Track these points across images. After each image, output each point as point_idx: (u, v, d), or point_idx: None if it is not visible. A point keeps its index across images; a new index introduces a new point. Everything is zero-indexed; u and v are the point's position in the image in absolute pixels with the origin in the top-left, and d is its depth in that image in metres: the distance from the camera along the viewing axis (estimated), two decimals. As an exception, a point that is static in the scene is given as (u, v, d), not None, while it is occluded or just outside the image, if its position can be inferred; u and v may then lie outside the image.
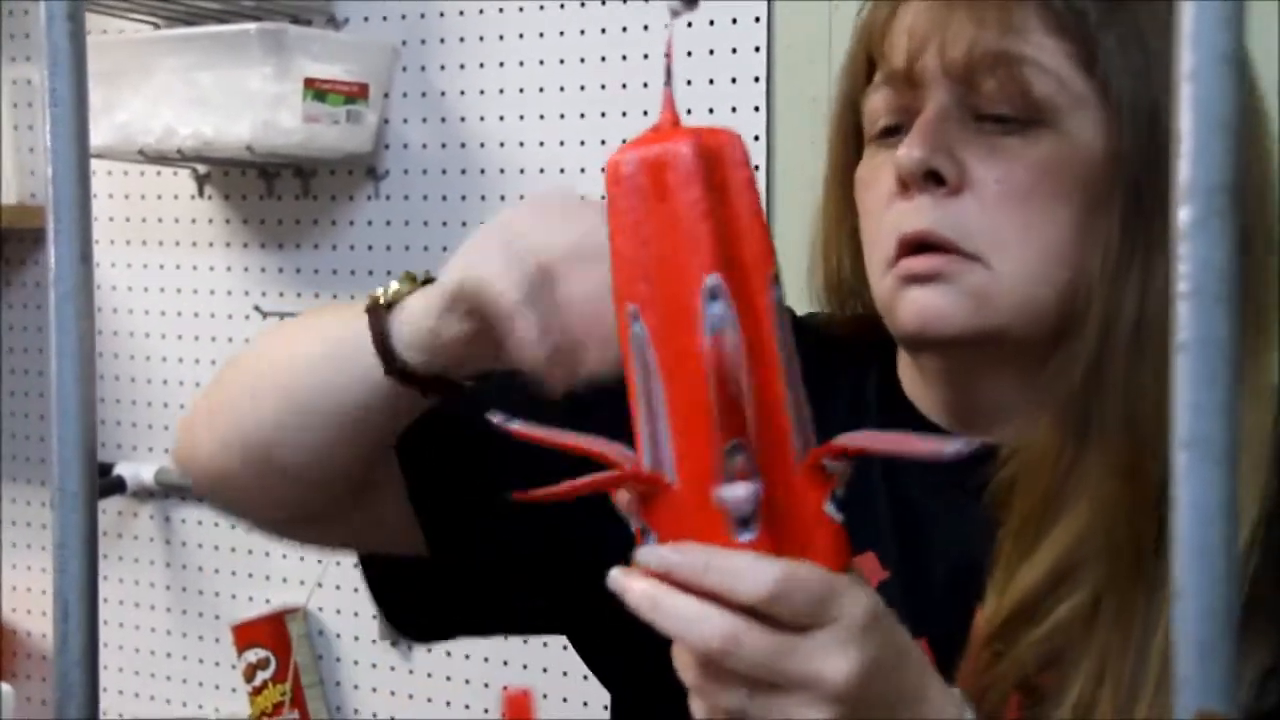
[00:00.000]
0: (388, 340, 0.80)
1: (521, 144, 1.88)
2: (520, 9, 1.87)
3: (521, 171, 1.88)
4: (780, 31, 1.72)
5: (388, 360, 0.80)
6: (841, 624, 0.61)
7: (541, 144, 1.87)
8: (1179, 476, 0.40)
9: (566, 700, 1.90)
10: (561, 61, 1.85)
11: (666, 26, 0.63)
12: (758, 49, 1.71)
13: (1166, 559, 0.74)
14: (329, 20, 1.97)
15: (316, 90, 1.82)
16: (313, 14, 1.96)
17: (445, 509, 0.92)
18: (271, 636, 2.05)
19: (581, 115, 1.84)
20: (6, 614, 2.32)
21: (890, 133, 0.85)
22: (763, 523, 0.60)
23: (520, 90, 1.88)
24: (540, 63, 1.86)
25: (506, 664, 1.93)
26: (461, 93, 1.92)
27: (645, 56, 1.78)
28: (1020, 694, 0.79)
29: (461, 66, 1.92)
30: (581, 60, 1.83)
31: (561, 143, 1.85)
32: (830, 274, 0.93)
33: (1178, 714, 0.40)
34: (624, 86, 1.80)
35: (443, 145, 1.94)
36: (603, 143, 1.82)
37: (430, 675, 2.02)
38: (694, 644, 0.61)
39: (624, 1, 1.79)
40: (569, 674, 1.89)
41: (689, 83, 1.74)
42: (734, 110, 1.72)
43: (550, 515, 0.76)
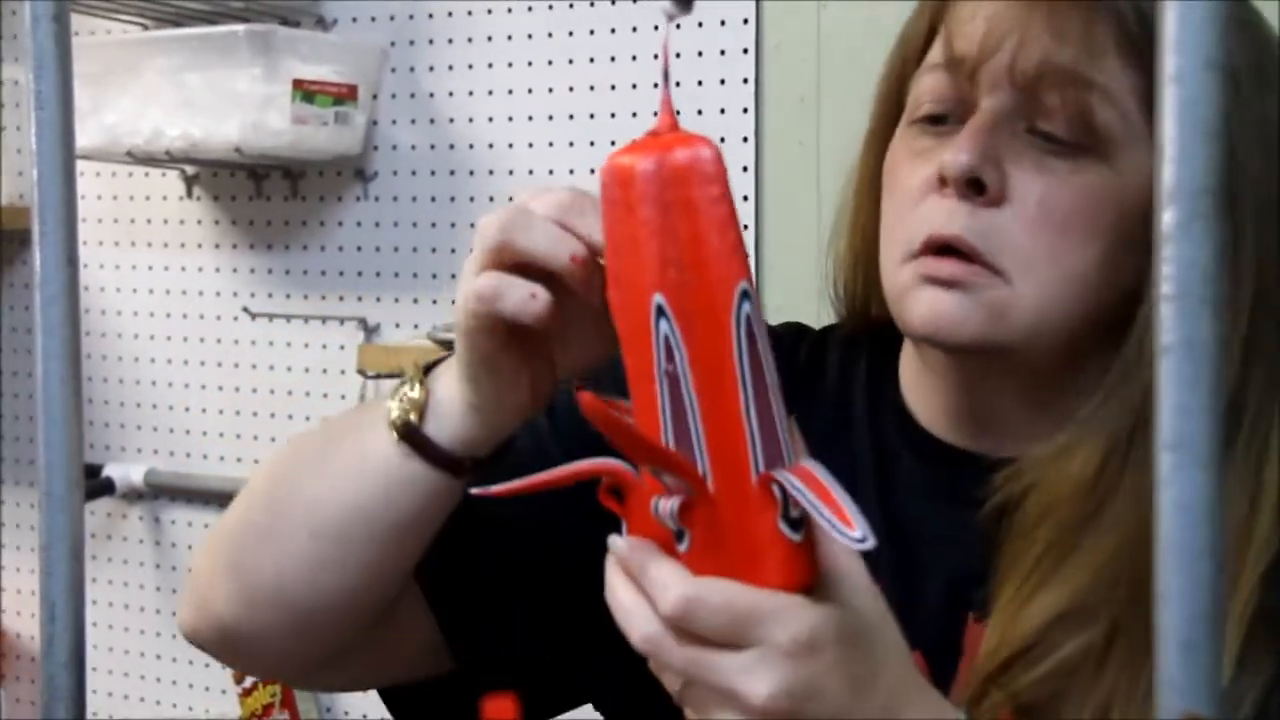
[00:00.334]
0: (438, 450, 0.77)
1: (511, 145, 1.88)
2: (509, 10, 1.87)
3: (511, 173, 1.88)
4: (768, 33, 1.72)
5: (452, 467, 0.77)
6: (767, 646, 0.60)
7: (530, 145, 1.87)
8: (1163, 479, 0.40)
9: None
10: (550, 63, 1.85)
11: (657, 28, 0.63)
12: (746, 50, 1.72)
13: None
14: (317, 21, 1.97)
15: (305, 92, 1.82)
16: (301, 15, 1.96)
17: (470, 611, 0.89)
18: (261, 638, 2.04)
19: (571, 117, 1.84)
20: (-3, 616, 2.32)
21: (935, 120, 0.83)
22: (700, 536, 0.61)
23: (509, 92, 1.88)
24: (529, 64, 1.86)
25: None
26: (450, 94, 1.92)
27: (634, 58, 1.78)
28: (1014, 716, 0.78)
29: (450, 68, 1.92)
30: (570, 62, 1.83)
31: (550, 144, 1.85)
32: (854, 240, 0.91)
33: (1161, 714, 0.40)
34: (613, 88, 1.80)
35: (432, 147, 1.94)
36: (591, 144, 1.82)
37: (420, 676, 2.02)
38: (628, 636, 0.64)
39: (613, 3, 1.79)
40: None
41: (678, 84, 1.74)
42: (722, 111, 1.73)
43: (579, 590, 0.74)
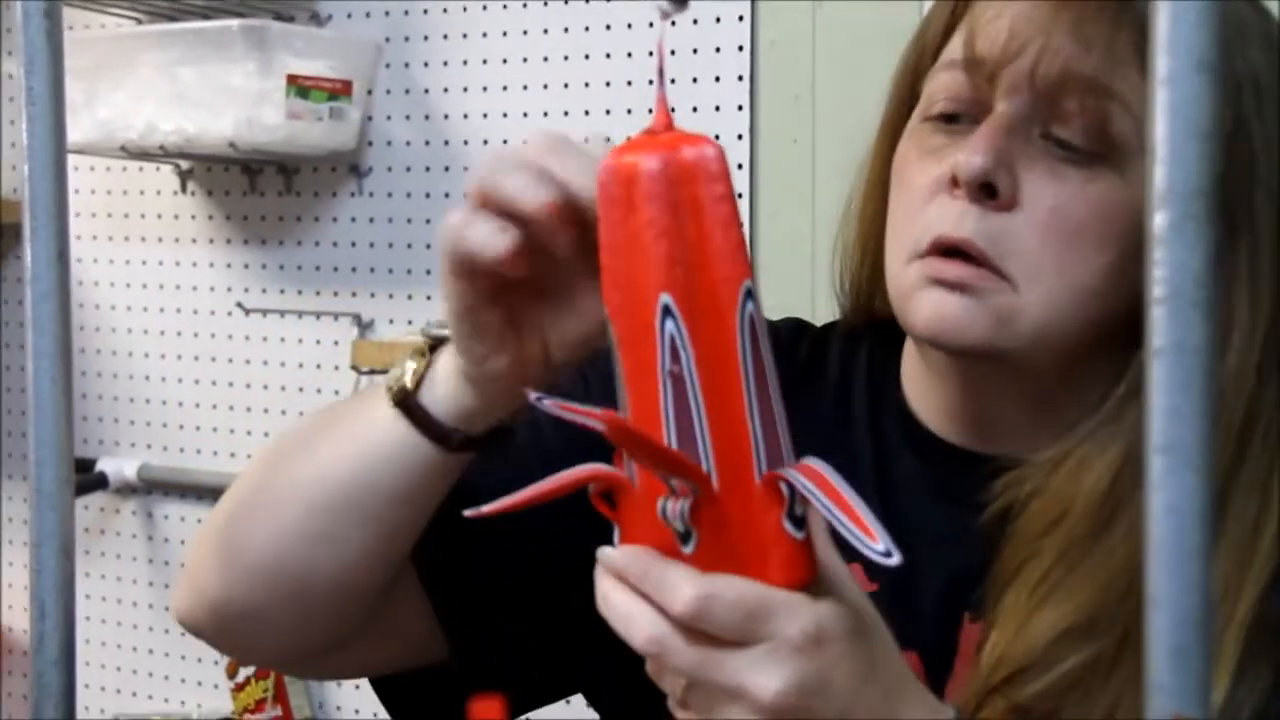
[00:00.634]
0: (432, 420, 0.76)
1: (505, 142, 1.88)
2: (504, 6, 1.86)
3: (505, 169, 1.88)
4: (763, 30, 1.72)
5: (442, 439, 0.76)
6: (776, 641, 0.60)
7: (525, 143, 1.86)
8: (1154, 482, 0.40)
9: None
10: (545, 59, 1.84)
11: (652, 24, 0.63)
12: (741, 47, 1.72)
13: None
14: (311, 17, 1.96)
15: (300, 87, 1.82)
16: (295, 10, 1.95)
17: (466, 603, 0.89)
18: (253, 633, 2.04)
19: (565, 113, 1.84)
20: (-8, 611, 2.32)
21: (949, 119, 0.82)
22: (707, 536, 0.61)
23: (504, 88, 1.88)
24: (524, 60, 1.86)
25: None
26: (445, 90, 1.92)
27: (629, 55, 1.78)
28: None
29: (445, 63, 1.91)
30: (565, 58, 1.83)
31: (545, 140, 1.85)
32: (863, 232, 0.90)
33: (1150, 715, 0.40)
34: (607, 84, 1.80)
35: (426, 142, 1.94)
36: (586, 141, 1.81)
37: (413, 672, 2.02)
38: (630, 640, 0.63)
39: (607, 0, 1.79)
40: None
41: (673, 81, 1.74)
42: (717, 109, 1.72)
43: (575, 585, 0.73)
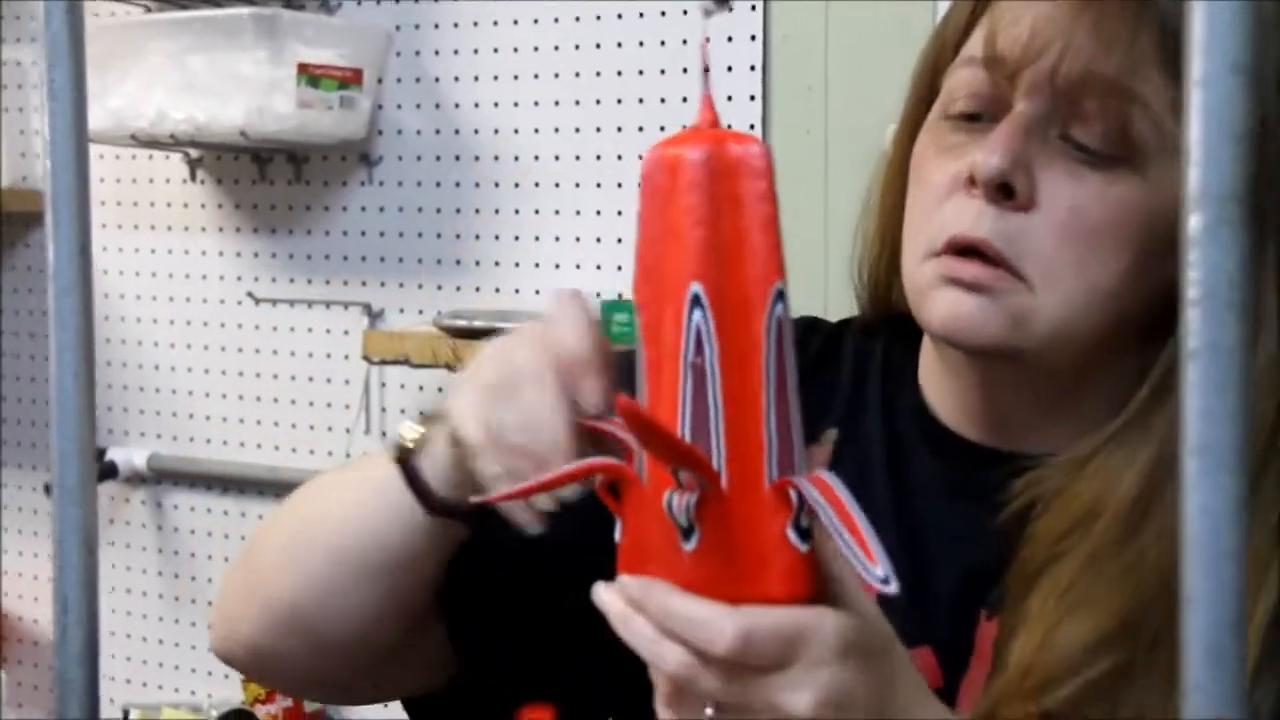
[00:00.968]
0: (421, 479, 0.77)
1: (516, 130, 1.88)
2: (515, -5, 1.86)
3: (516, 159, 1.88)
4: (777, 21, 1.72)
5: (426, 499, 0.77)
6: (806, 660, 0.60)
7: (536, 130, 1.87)
8: (1189, 483, 0.40)
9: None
10: (557, 48, 1.84)
11: (664, 14, 0.63)
12: (754, 37, 1.71)
13: None
14: (321, 4, 1.96)
15: (310, 75, 1.81)
16: (305, -2, 1.95)
17: (484, 632, 0.89)
18: (264, 622, 2.05)
19: (576, 102, 1.83)
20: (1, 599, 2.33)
21: (968, 118, 0.82)
22: (709, 535, 0.60)
23: (515, 77, 1.87)
24: (535, 49, 1.86)
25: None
26: (456, 78, 1.92)
27: (640, 43, 1.77)
28: None
29: (456, 52, 1.91)
30: (577, 47, 1.83)
31: (556, 129, 1.85)
32: (883, 224, 0.90)
33: (1187, 716, 0.40)
34: (619, 74, 1.80)
35: (437, 131, 1.94)
36: (598, 130, 1.82)
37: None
38: (657, 666, 0.62)
39: (619, -12, 1.79)
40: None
41: (684, 70, 1.74)
42: (730, 99, 1.72)
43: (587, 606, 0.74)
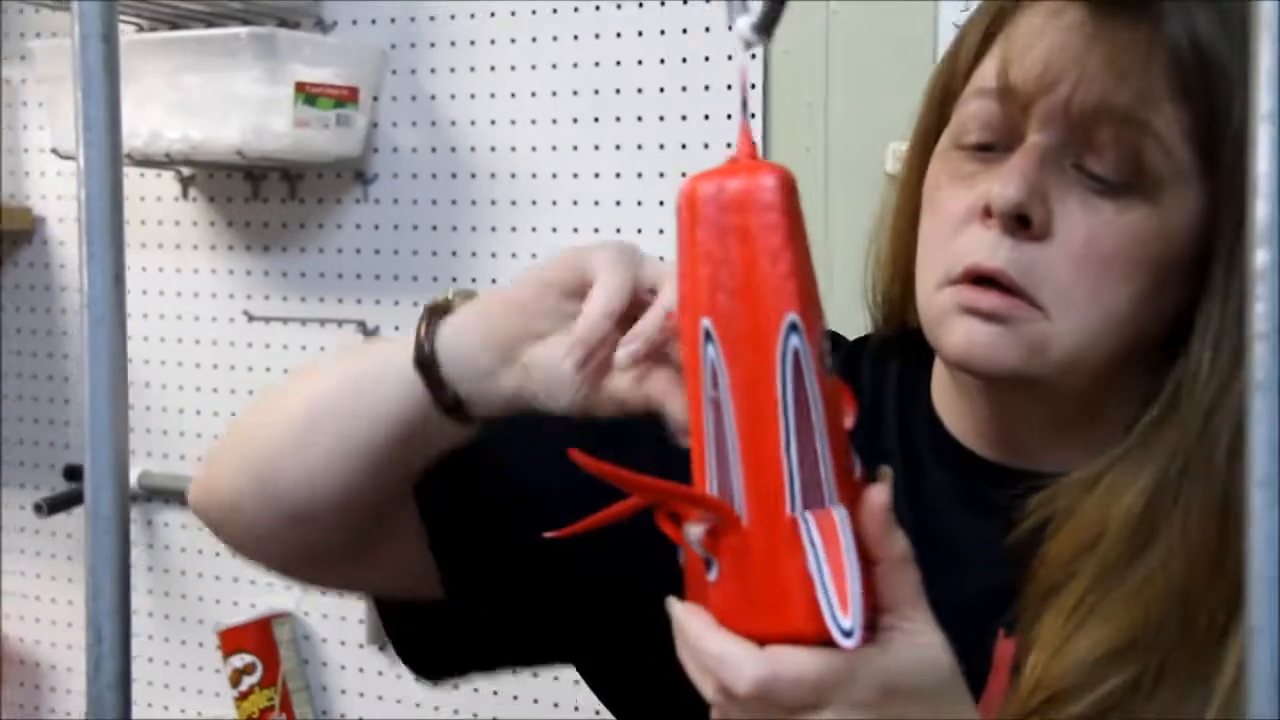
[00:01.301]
0: (432, 333, 0.77)
1: (513, 149, 1.88)
2: (512, 12, 1.86)
3: (513, 176, 1.88)
4: (777, 37, 1.71)
5: (427, 369, 0.77)
6: (841, 703, 0.60)
7: (533, 149, 1.86)
8: (1255, 514, 0.41)
9: (538, 701, 1.92)
10: (554, 66, 1.84)
11: (664, 32, 0.63)
12: (754, 55, 1.71)
13: (1231, 641, 0.74)
14: (316, 23, 1.96)
15: (308, 94, 1.81)
16: (300, 16, 1.95)
17: (466, 552, 0.90)
18: (258, 641, 2.04)
19: (574, 120, 1.83)
20: (-12, 619, 2.31)
21: (982, 148, 0.83)
22: (729, 568, 0.61)
23: (511, 95, 1.87)
24: (532, 67, 1.86)
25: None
26: (453, 97, 1.92)
27: (639, 62, 1.77)
28: None
29: (452, 70, 1.91)
30: (575, 65, 1.83)
31: (554, 148, 1.85)
32: (896, 245, 0.91)
33: (1250, 747, 0.40)
34: (618, 92, 1.80)
35: (433, 149, 1.93)
36: (596, 148, 1.82)
37: (418, 680, 2.02)
38: (700, 689, 0.64)
39: (618, 7, 1.79)
40: (548, 675, 1.89)
41: (683, 89, 1.74)
42: (729, 117, 1.72)
43: (576, 549, 0.74)
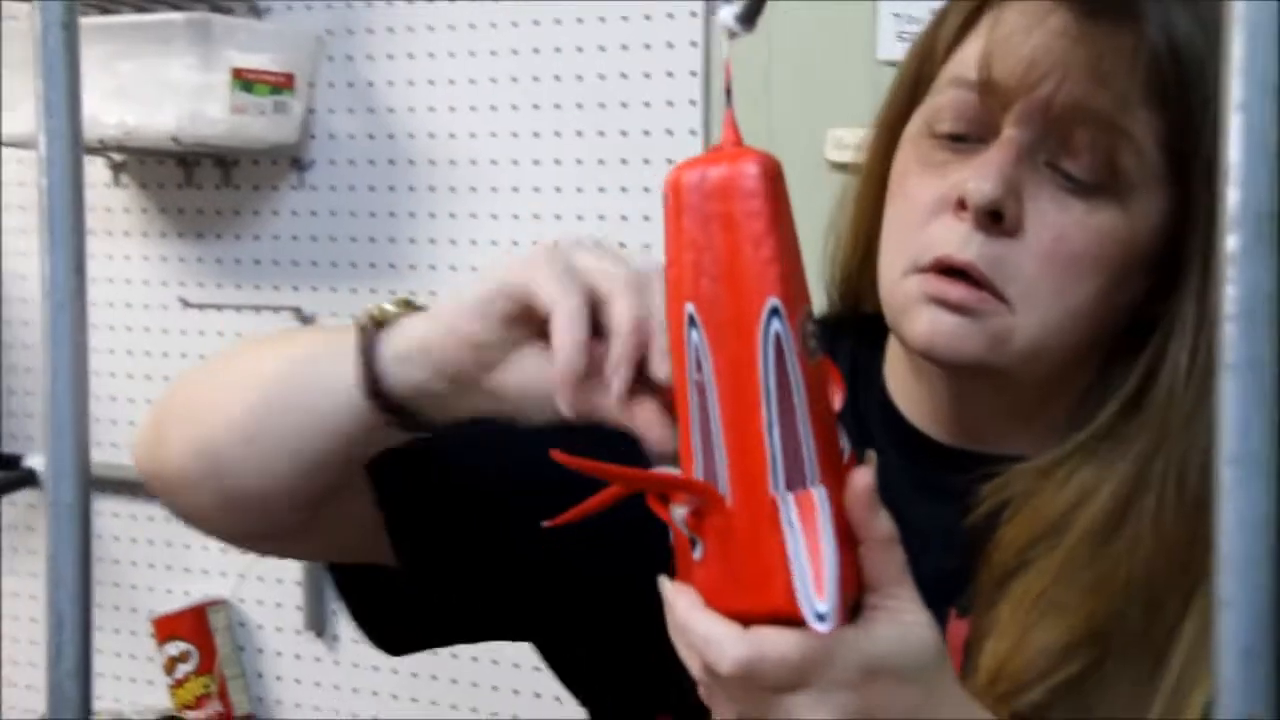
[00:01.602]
0: (373, 356, 0.75)
1: (452, 135, 1.88)
2: (450, -1, 1.86)
3: (452, 163, 1.88)
4: (719, 26, 1.72)
5: (370, 378, 0.75)
6: (824, 682, 0.61)
7: (472, 135, 1.86)
8: (1225, 491, 0.42)
9: (476, 685, 1.93)
10: (493, 53, 1.84)
11: (604, 19, 0.63)
12: (694, 43, 1.72)
13: (1185, 625, 0.76)
14: (250, 8, 1.94)
15: (244, 81, 1.80)
16: (233, 3, 1.93)
17: (420, 530, 0.90)
18: (193, 629, 2.03)
19: (514, 107, 1.84)
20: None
21: (955, 138, 0.83)
22: (713, 547, 0.62)
23: (450, 81, 1.87)
24: (471, 54, 1.86)
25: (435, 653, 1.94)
26: (390, 83, 1.91)
27: (579, 49, 1.78)
28: None
29: (390, 57, 1.91)
30: (514, 52, 1.83)
31: (493, 134, 1.85)
32: (859, 225, 0.91)
33: (1220, 715, 0.41)
34: (557, 78, 1.80)
35: (370, 135, 1.93)
36: (536, 135, 1.82)
37: (356, 665, 2.02)
38: (688, 667, 0.65)
39: (557, -6, 1.79)
40: (487, 658, 1.89)
41: (623, 75, 1.75)
42: (670, 104, 1.73)
43: (542, 534, 0.72)
